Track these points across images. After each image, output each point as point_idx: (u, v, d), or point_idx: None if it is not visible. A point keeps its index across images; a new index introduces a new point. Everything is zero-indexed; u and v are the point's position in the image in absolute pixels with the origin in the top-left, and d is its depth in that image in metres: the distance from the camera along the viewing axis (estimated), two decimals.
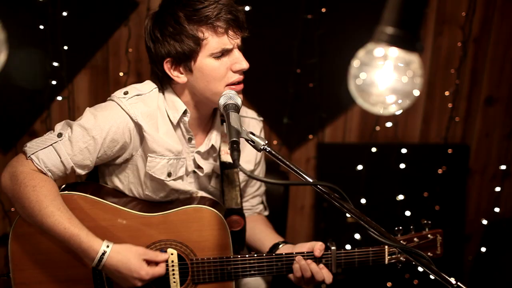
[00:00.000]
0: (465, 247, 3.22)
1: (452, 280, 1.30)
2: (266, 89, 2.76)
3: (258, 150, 1.47)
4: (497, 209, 3.10)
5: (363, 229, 1.38)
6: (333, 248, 1.73)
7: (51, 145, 1.62)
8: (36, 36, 2.65)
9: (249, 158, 1.93)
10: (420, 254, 1.34)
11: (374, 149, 2.94)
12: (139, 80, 2.76)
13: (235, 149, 1.38)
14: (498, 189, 3.12)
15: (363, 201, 2.94)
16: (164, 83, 1.75)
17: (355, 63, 0.90)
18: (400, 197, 2.96)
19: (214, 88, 1.67)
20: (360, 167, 2.94)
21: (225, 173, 1.84)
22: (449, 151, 2.97)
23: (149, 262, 1.64)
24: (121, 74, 2.79)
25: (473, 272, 3.21)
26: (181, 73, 1.69)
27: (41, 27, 2.63)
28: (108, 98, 1.74)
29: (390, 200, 2.98)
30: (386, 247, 1.75)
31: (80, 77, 2.80)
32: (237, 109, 1.57)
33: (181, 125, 1.77)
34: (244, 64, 1.67)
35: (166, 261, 1.69)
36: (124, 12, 2.72)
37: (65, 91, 2.77)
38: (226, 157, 1.83)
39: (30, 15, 2.64)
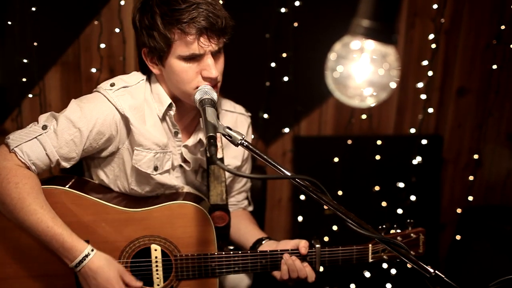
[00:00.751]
0: (441, 235, 3.28)
1: (430, 269, 1.31)
2: (241, 83, 2.75)
3: (236, 144, 1.46)
4: (470, 198, 3.16)
5: (340, 221, 1.39)
6: (317, 246, 1.73)
7: (35, 137, 1.58)
8: (4, 32, 2.58)
9: (236, 154, 1.92)
10: (398, 243, 1.36)
11: (349, 141, 2.96)
12: (112, 76, 2.72)
13: (212, 144, 1.37)
14: (471, 178, 3.18)
15: (339, 193, 2.96)
16: (147, 70, 1.74)
17: (332, 56, 0.90)
18: (376, 188, 3.00)
19: (183, 88, 1.65)
20: (336, 159, 2.96)
21: (212, 168, 1.83)
22: (423, 141, 3.02)
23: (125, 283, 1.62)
24: (93, 70, 2.74)
25: (448, 260, 3.27)
26: (156, 65, 1.68)
27: (9, 23, 2.56)
28: (94, 90, 1.71)
29: (366, 191, 3.01)
30: (370, 245, 1.75)
31: (51, 74, 2.74)
32: (213, 104, 1.56)
33: (167, 118, 1.75)
34: (213, 73, 1.62)
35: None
36: (95, 7, 2.67)
37: (36, 88, 2.71)
38: None
39: None
